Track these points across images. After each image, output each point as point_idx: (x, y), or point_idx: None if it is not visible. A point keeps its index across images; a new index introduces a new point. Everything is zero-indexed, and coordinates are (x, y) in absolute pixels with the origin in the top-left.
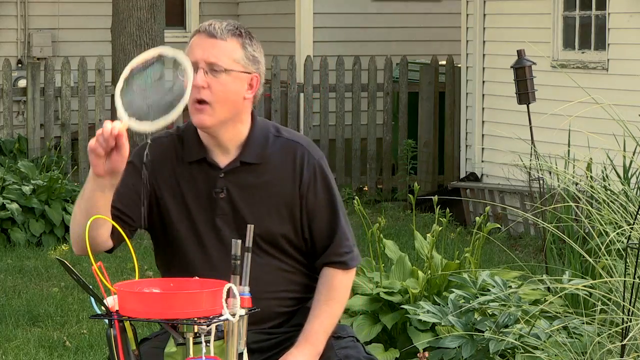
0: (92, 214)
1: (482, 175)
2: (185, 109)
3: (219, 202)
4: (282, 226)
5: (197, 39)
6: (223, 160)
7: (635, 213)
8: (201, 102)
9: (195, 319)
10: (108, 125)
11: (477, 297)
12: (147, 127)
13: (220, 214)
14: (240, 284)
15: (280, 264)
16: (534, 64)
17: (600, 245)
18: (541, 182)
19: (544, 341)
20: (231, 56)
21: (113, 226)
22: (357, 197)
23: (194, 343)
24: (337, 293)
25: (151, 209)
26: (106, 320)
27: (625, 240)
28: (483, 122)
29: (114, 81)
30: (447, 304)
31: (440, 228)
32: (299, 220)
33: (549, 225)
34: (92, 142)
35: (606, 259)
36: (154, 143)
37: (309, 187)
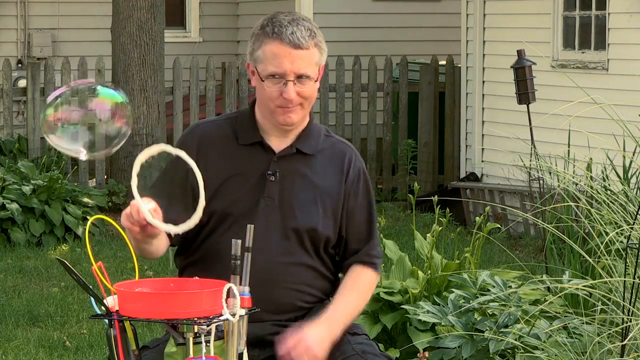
0: (145, 251)
1: (482, 175)
2: None
3: (268, 184)
4: (323, 219)
5: (281, 48)
6: (278, 145)
7: (635, 213)
8: (289, 106)
9: (195, 319)
10: (135, 209)
11: (477, 297)
12: (173, 229)
13: (267, 196)
14: (240, 284)
15: (310, 256)
16: (534, 64)
17: (600, 245)
18: (541, 182)
19: (544, 341)
20: (314, 62)
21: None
22: None
23: (194, 343)
24: (362, 286)
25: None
26: (106, 320)
27: (625, 240)
28: (483, 122)
29: (114, 81)
30: (447, 304)
31: (440, 228)
32: (340, 217)
33: (548, 226)
34: (126, 222)
35: (606, 259)
36: (198, 129)
37: (352, 186)
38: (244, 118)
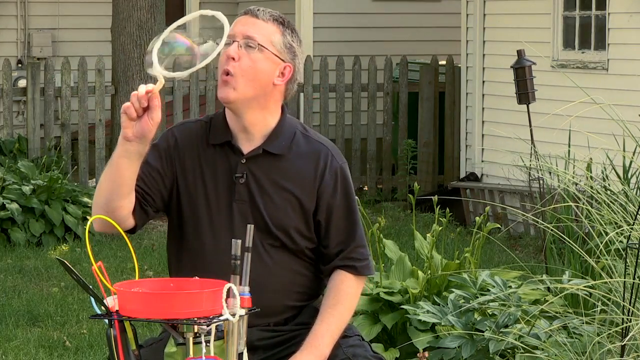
0: (118, 181)
1: (482, 175)
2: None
3: (238, 187)
4: (294, 219)
5: (241, 17)
6: (247, 146)
7: (635, 213)
8: (228, 74)
9: (195, 319)
10: (142, 86)
11: (477, 297)
12: (179, 74)
13: (238, 199)
14: (240, 284)
15: (290, 257)
16: (534, 64)
17: (600, 245)
18: (541, 182)
19: (544, 341)
20: (268, 37)
21: (136, 204)
22: (357, 197)
23: (194, 343)
24: (345, 298)
25: (171, 191)
26: (106, 320)
27: (625, 241)
28: (483, 122)
29: (114, 81)
30: (447, 304)
31: (440, 228)
32: (312, 218)
33: (548, 226)
34: (126, 104)
35: (606, 259)
36: (181, 127)
37: (327, 188)
38: (219, 118)
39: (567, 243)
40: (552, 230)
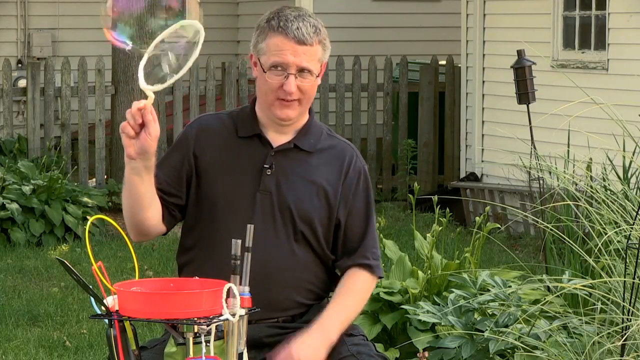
0: (135, 197)
1: (482, 175)
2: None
3: (264, 178)
4: (320, 211)
5: (285, 43)
6: (277, 139)
7: (635, 213)
8: (290, 99)
9: (195, 319)
10: (135, 103)
11: (477, 297)
12: (161, 86)
13: (263, 189)
14: (240, 284)
15: (308, 252)
16: (534, 64)
17: (599, 244)
18: (541, 182)
19: (544, 341)
20: (316, 58)
21: (164, 211)
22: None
23: (194, 343)
24: (356, 289)
25: (189, 183)
26: (106, 320)
27: (624, 240)
28: (483, 122)
29: (114, 81)
30: (447, 304)
31: (440, 228)
32: (335, 216)
33: (548, 225)
34: (123, 123)
35: (605, 259)
36: (200, 120)
37: (350, 186)
38: (245, 112)
39: (566, 243)
40: (551, 230)
